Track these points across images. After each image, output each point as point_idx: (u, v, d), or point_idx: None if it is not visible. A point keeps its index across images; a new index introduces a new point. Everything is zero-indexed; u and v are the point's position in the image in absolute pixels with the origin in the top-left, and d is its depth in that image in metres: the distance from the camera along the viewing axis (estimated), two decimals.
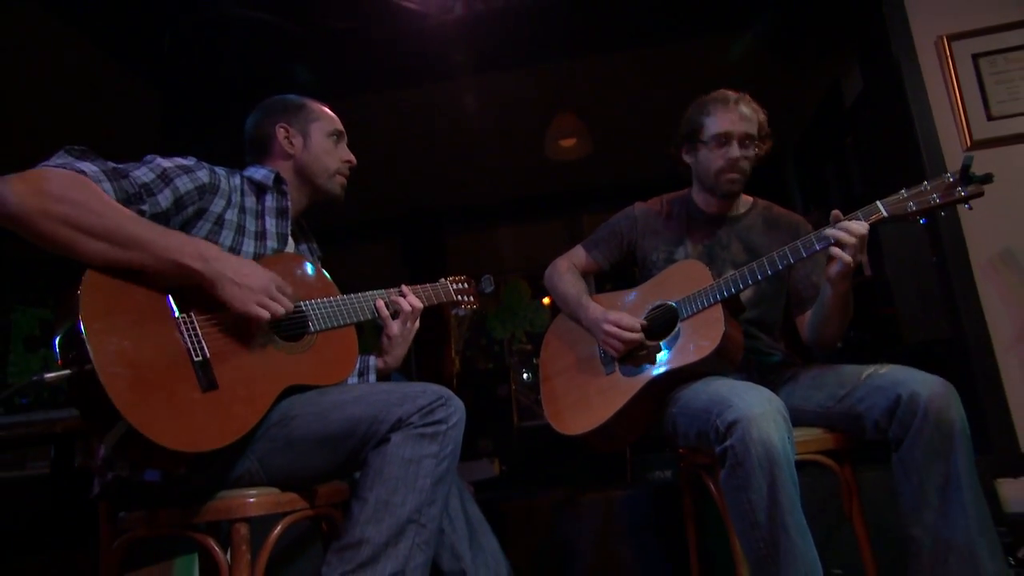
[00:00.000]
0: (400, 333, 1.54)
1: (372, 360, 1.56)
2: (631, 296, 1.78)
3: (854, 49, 3.11)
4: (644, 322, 1.66)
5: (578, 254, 1.94)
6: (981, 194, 1.32)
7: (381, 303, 1.51)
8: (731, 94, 1.73)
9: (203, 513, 1.19)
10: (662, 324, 1.66)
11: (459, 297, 1.73)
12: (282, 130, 1.51)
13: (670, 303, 1.65)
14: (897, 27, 2.58)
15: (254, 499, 1.20)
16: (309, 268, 1.43)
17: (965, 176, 1.31)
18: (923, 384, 1.34)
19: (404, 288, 1.57)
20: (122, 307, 1.10)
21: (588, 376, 1.74)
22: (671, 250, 1.79)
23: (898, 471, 1.36)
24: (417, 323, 1.58)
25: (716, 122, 1.70)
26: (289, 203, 1.47)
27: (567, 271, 1.90)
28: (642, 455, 3.06)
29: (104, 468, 1.22)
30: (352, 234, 5.34)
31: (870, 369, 1.47)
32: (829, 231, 1.43)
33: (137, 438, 1.03)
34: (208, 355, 1.15)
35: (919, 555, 1.31)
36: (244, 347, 1.22)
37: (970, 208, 1.36)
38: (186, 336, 1.14)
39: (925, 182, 1.37)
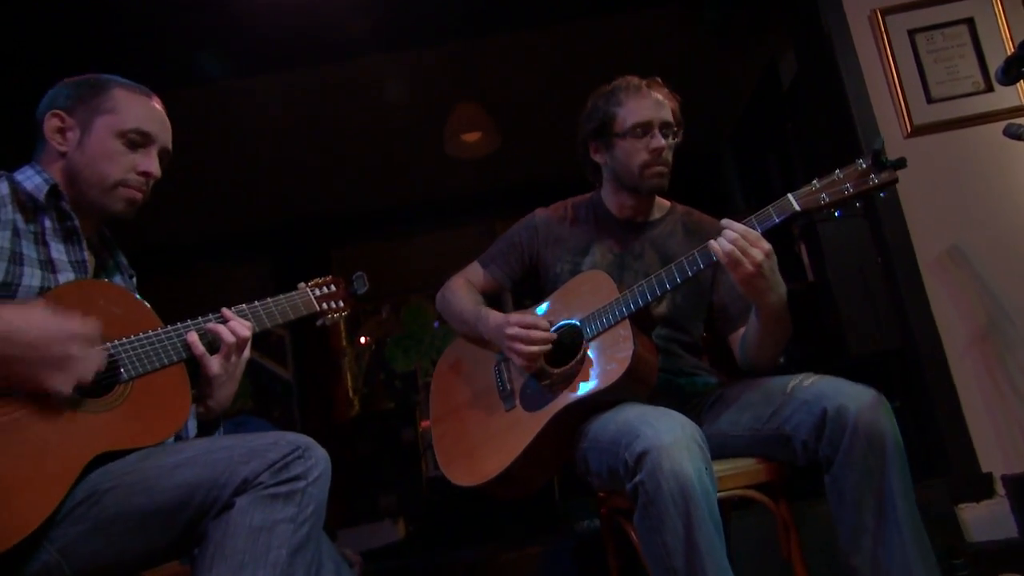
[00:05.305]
0: (223, 371, 1.41)
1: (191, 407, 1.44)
2: (536, 313, 1.80)
3: (787, 25, 3.28)
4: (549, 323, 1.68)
5: (474, 271, 1.95)
6: (895, 181, 1.40)
7: (194, 336, 1.38)
8: (638, 80, 1.78)
9: None
10: (567, 346, 1.69)
11: (323, 305, 1.62)
12: (55, 120, 1.37)
13: (574, 321, 1.68)
14: None
15: None
16: (117, 295, 1.36)
17: (877, 162, 1.39)
18: (850, 396, 1.41)
19: (225, 312, 1.43)
20: None
21: (484, 414, 1.74)
22: (577, 260, 1.83)
23: (832, 495, 1.43)
24: (247, 353, 1.46)
25: (632, 111, 1.74)
26: (76, 222, 1.36)
27: (461, 288, 1.91)
28: (570, 499, 3.09)
29: None
30: (213, 252, 5.19)
31: (795, 380, 1.53)
32: (725, 233, 1.45)
33: None
34: None
35: None
36: (29, 416, 1.14)
37: (884, 195, 1.44)
38: None
39: (837, 170, 1.44)
